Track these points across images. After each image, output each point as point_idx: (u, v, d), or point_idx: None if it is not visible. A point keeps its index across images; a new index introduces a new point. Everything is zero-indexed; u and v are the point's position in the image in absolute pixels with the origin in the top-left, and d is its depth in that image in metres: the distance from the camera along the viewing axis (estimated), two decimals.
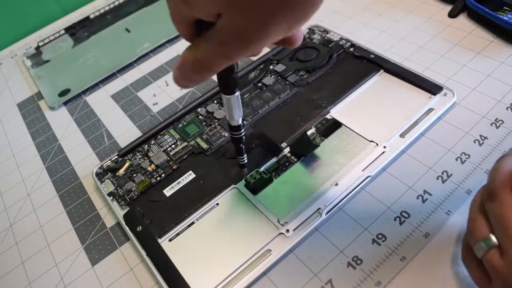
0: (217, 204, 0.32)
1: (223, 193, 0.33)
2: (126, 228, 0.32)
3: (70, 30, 0.61)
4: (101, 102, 0.47)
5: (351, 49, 0.41)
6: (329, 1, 0.51)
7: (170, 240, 0.31)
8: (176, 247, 0.30)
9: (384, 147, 0.32)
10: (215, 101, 0.40)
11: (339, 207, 0.30)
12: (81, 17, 0.62)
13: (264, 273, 0.28)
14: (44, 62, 0.56)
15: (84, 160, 0.40)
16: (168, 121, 0.39)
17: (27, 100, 0.51)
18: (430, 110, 0.34)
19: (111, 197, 0.34)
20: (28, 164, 0.42)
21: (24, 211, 0.37)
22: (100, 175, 0.36)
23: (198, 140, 0.37)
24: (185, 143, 0.37)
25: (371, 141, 0.33)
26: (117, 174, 0.36)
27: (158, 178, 0.35)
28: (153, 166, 0.36)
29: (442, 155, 0.31)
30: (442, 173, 0.31)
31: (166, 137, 0.38)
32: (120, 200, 0.34)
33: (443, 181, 0.30)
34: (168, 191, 0.34)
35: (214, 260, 0.29)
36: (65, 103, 0.48)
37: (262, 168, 0.33)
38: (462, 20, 0.43)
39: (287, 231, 0.29)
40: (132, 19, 0.60)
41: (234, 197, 0.32)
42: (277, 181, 0.32)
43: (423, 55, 0.40)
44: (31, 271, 0.33)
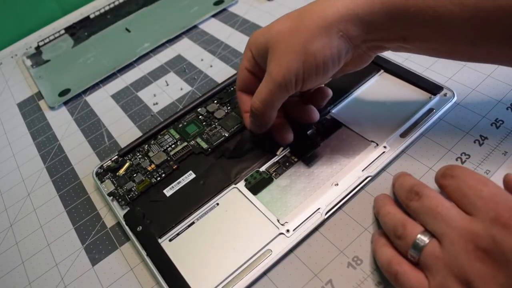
0: (217, 204, 0.32)
1: (223, 193, 0.33)
2: (126, 228, 0.32)
3: (70, 30, 0.61)
4: (101, 102, 0.47)
5: None
6: None
7: (170, 240, 0.31)
8: (176, 247, 0.30)
9: (384, 147, 0.32)
10: (215, 101, 0.40)
11: (339, 207, 0.30)
12: (81, 17, 0.62)
13: (264, 273, 0.28)
14: (44, 62, 0.56)
15: (84, 160, 0.40)
16: (168, 121, 0.39)
17: (27, 100, 0.51)
18: (430, 110, 0.34)
19: (111, 197, 0.34)
20: (28, 164, 0.42)
21: (24, 211, 0.37)
22: (100, 175, 0.36)
23: (198, 140, 0.37)
24: (185, 143, 0.37)
25: (371, 141, 0.33)
26: (117, 174, 0.36)
27: (158, 178, 0.35)
28: (153, 166, 0.36)
29: (442, 155, 0.31)
30: None
31: (166, 137, 0.38)
32: (120, 200, 0.34)
33: None
34: (168, 191, 0.34)
35: (214, 260, 0.29)
36: (65, 103, 0.48)
37: (262, 168, 0.33)
38: None
39: (287, 231, 0.29)
40: (132, 19, 0.60)
41: (234, 197, 0.32)
42: (277, 181, 0.32)
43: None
44: (31, 271, 0.33)
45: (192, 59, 0.49)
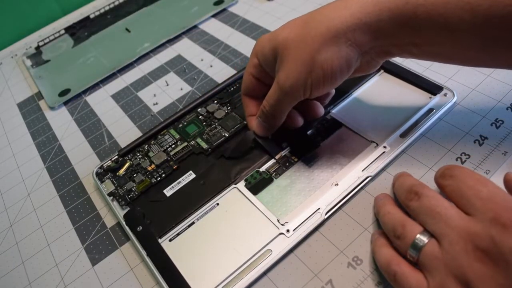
0: (217, 204, 0.32)
1: (223, 193, 0.33)
2: (127, 228, 0.32)
3: (70, 30, 0.61)
4: (101, 102, 0.47)
5: None
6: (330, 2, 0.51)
7: (170, 240, 0.31)
8: (177, 247, 0.30)
9: (384, 147, 0.32)
10: (215, 101, 0.40)
11: (339, 207, 0.30)
12: (81, 17, 0.62)
13: (264, 273, 0.28)
14: (44, 62, 0.56)
15: (84, 160, 0.40)
16: (168, 121, 0.39)
17: (27, 100, 0.51)
18: (430, 110, 0.34)
19: (112, 197, 0.34)
20: (28, 164, 0.42)
21: (24, 211, 0.37)
22: (101, 175, 0.36)
23: (198, 140, 0.37)
24: (185, 143, 0.37)
25: (371, 141, 0.33)
26: (117, 174, 0.36)
27: (158, 178, 0.35)
28: (153, 166, 0.36)
29: (442, 155, 0.31)
30: None
31: (166, 137, 0.38)
32: (120, 200, 0.34)
33: None
34: (168, 191, 0.34)
35: (214, 260, 0.29)
36: (65, 103, 0.48)
37: (262, 168, 0.33)
38: None
39: (287, 231, 0.29)
40: (132, 19, 0.60)
41: (234, 197, 0.32)
42: (277, 181, 0.32)
43: None
44: (31, 271, 0.33)
45: (192, 59, 0.49)
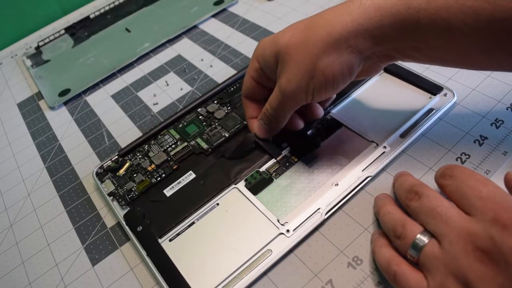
0: (217, 204, 0.32)
1: (223, 193, 0.33)
2: (127, 228, 0.32)
3: (70, 30, 0.61)
4: (101, 102, 0.47)
5: None
6: (330, 2, 0.51)
7: (170, 240, 0.31)
8: (177, 247, 0.30)
9: (384, 147, 0.32)
10: (215, 101, 0.40)
11: (339, 207, 0.30)
12: (81, 17, 0.62)
13: (264, 273, 0.28)
14: (44, 62, 0.56)
15: (84, 160, 0.40)
16: (168, 121, 0.39)
17: (27, 100, 0.51)
18: (430, 110, 0.34)
19: (112, 197, 0.34)
20: (28, 164, 0.42)
21: (24, 211, 0.37)
22: (101, 175, 0.36)
23: (198, 140, 0.37)
24: (185, 143, 0.37)
25: (371, 141, 0.33)
26: (117, 174, 0.36)
27: (158, 178, 0.35)
28: (153, 166, 0.36)
29: (442, 155, 0.31)
30: None
31: (166, 137, 0.38)
32: (120, 200, 0.34)
33: None
34: (168, 191, 0.34)
35: (214, 260, 0.29)
36: (65, 103, 0.48)
37: (262, 168, 0.33)
38: None
39: (287, 231, 0.29)
40: (132, 19, 0.60)
41: (234, 197, 0.32)
42: (277, 181, 0.32)
43: None
44: (32, 271, 0.33)
45: (192, 59, 0.49)
